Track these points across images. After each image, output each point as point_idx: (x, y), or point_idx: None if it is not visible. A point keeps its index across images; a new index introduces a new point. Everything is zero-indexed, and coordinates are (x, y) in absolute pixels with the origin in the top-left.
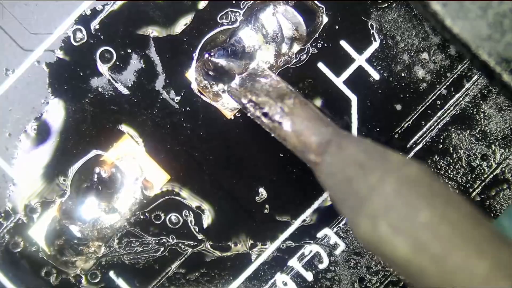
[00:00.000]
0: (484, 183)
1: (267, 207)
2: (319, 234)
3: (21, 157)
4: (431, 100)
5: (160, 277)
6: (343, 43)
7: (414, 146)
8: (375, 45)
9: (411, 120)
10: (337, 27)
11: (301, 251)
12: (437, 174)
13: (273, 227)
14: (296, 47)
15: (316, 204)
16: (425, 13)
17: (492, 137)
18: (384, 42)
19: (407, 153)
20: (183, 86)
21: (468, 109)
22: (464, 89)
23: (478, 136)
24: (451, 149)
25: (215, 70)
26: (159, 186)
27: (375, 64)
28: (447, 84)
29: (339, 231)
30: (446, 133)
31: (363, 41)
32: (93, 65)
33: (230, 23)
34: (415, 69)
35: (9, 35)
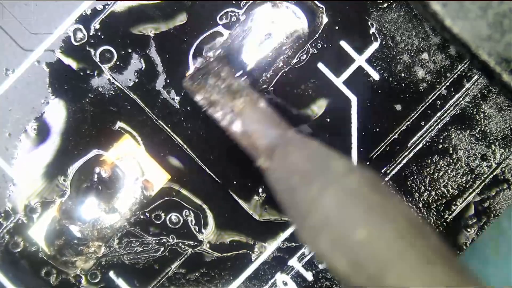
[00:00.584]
0: (484, 183)
1: (266, 207)
2: None
3: (21, 157)
4: (431, 100)
5: (160, 277)
6: (343, 43)
7: (414, 146)
8: (375, 45)
9: (411, 120)
10: (337, 27)
11: (301, 251)
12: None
13: (273, 227)
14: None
15: None
16: (425, 13)
17: (492, 137)
18: (384, 43)
19: (408, 153)
20: (183, 86)
21: (468, 109)
22: (464, 89)
23: (478, 136)
24: (451, 149)
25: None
26: (159, 186)
27: (375, 64)
28: (447, 84)
29: None
30: (446, 133)
31: (363, 42)
32: (94, 64)
33: (230, 24)
34: (415, 69)
35: (9, 35)
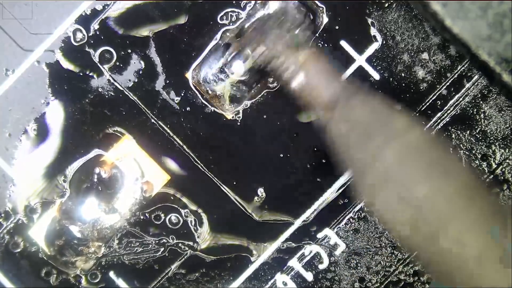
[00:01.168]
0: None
1: (266, 207)
2: (319, 235)
3: (21, 157)
4: (431, 101)
5: (160, 278)
6: (343, 43)
7: None
8: (375, 45)
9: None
10: (337, 27)
11: (301, 252)
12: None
13: (273, 227)
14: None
15: (316, 205)
16: (425, 13)
17: (492, 137)
18: (384, 42)
19: None
20: (183, 87)
21: (468, 109)
22: (464, 89)
23: (478, 136)
24: (451, 149)
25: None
26: (159, 187)
27: (375, 64)
28: (447, 84)
29: (339, 231)
30: (446, 133)
31: (363, 41)
32: (93, 65)
33: (230, 23)
34: (415, 69)
35: (9, 35)
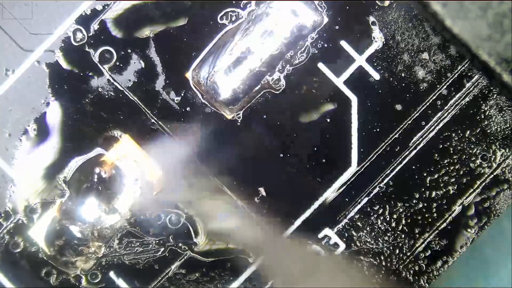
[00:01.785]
0: (484, 183)
1: (266, 207)
2: (320, 235)
3: (21, 157)
4: (431, 100)
5: (160, 277)
6: (343, 43)
7: (414, 146)
8: (375, 45)
9: (412, 120)
10: (337, 27)
11: None
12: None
13: (273, 227)
14: None
15: (316, 204)
16: (425, 13)
17: (492, 137)
18: (384, 42)
19: (408, 153)
20: (183, 87)
21: (468, 109)
22: (465, 89)
23: (479, 136)
24: (451, 149)
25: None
26: (159, 187)
27: (375, 64)
28: (447, 84)
29: (339, 231)
30: (447, 133)
31: (363, 41)
32: (93, 65)
33: (231, 23)
34: (415, 69)
35: (9, 35)
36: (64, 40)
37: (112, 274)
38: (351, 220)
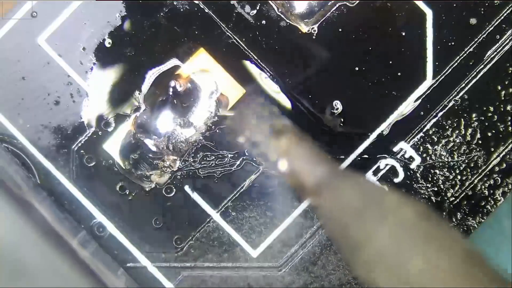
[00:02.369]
0: None
1: (342, 120)
2: (395, 148)
3: (95, 71)
4: (505, 14)
5: (235, 191)
6: None
7: (489, 59)
8: None
9: (486, 34)
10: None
11: (376, 165)
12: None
13: (348, 140)
14: None
15: (391, 118)
16: None
17: None
18: None
19: (483, 66)
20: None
21: None
22: None
23: None
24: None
25: None
26: (234, 101)
27: None
28: None
29: (415, 144)
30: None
31: None
32: None
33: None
34: None
35: None
36: None
37: (187, 188)
38: (426, 133)
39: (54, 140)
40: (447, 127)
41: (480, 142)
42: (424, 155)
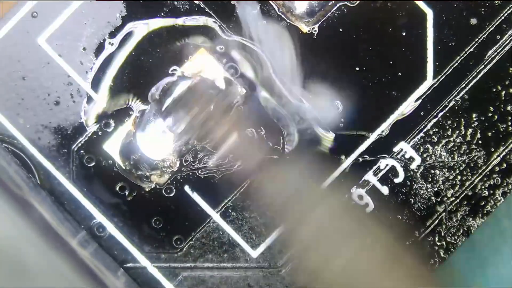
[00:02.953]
0: None
1: (342, 120)
2: (395, 148)
3: (95, 72)
4: (506, 14)
5: (235, 191)
6: None
7: (489, 60)
8: None
9: (486, 34)
10: None
11: (376, 165)
12: None
13: (349, 140)
14: None
15: (392, 118)
16: None
17: None
18: None
19: (483, 66)
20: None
21: None
22: None
23: None
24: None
25: None
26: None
27: None
28: None
29: (415, 144)
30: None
31: None
32: None
33: None
34: None
35: None
36: None
37: (187, 188)
38: (426, 133)
39: (54, 140)
40: (447, 127)
41: (480, 142)
42: (424, 155)
